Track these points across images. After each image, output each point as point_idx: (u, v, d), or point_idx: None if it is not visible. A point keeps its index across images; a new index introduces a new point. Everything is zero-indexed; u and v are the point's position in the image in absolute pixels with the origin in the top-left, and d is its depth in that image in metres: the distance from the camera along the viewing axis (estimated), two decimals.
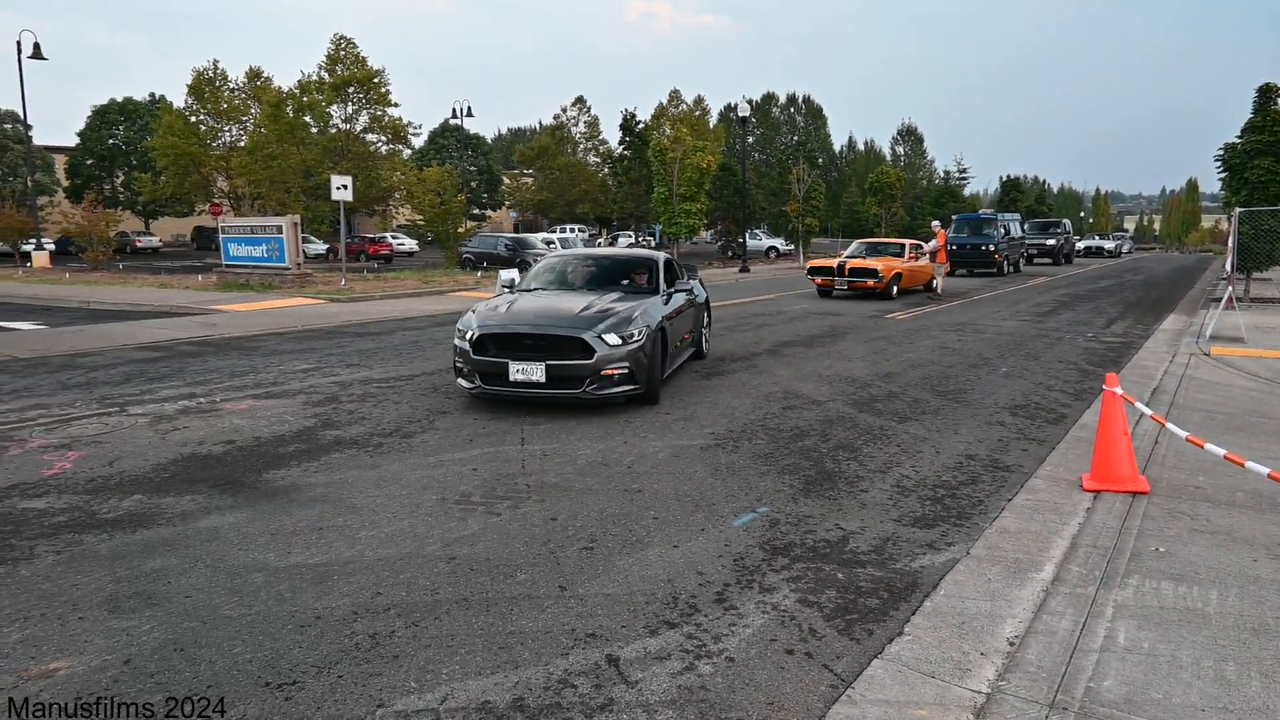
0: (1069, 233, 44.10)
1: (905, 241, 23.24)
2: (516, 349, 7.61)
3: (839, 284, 20.74)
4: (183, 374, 10.06)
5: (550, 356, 7.49)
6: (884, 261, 20.87)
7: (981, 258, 30.38)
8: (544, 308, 8.22)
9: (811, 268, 22.00)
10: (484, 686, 3.22)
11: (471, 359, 7.71)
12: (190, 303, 18.87)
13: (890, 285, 20.48)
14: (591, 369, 7.44)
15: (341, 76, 43.46)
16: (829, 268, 21.18)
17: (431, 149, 66.14)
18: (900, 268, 21.04)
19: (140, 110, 58.54)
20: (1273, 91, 19.59)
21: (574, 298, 8.61)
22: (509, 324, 7.81)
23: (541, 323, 7.76)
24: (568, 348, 7.52)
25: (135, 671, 3.30)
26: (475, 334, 7.77)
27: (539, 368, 7.43)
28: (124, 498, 5.41)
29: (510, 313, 8.08)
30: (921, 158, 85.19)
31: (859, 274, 20.42)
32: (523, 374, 7.45)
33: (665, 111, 53.33)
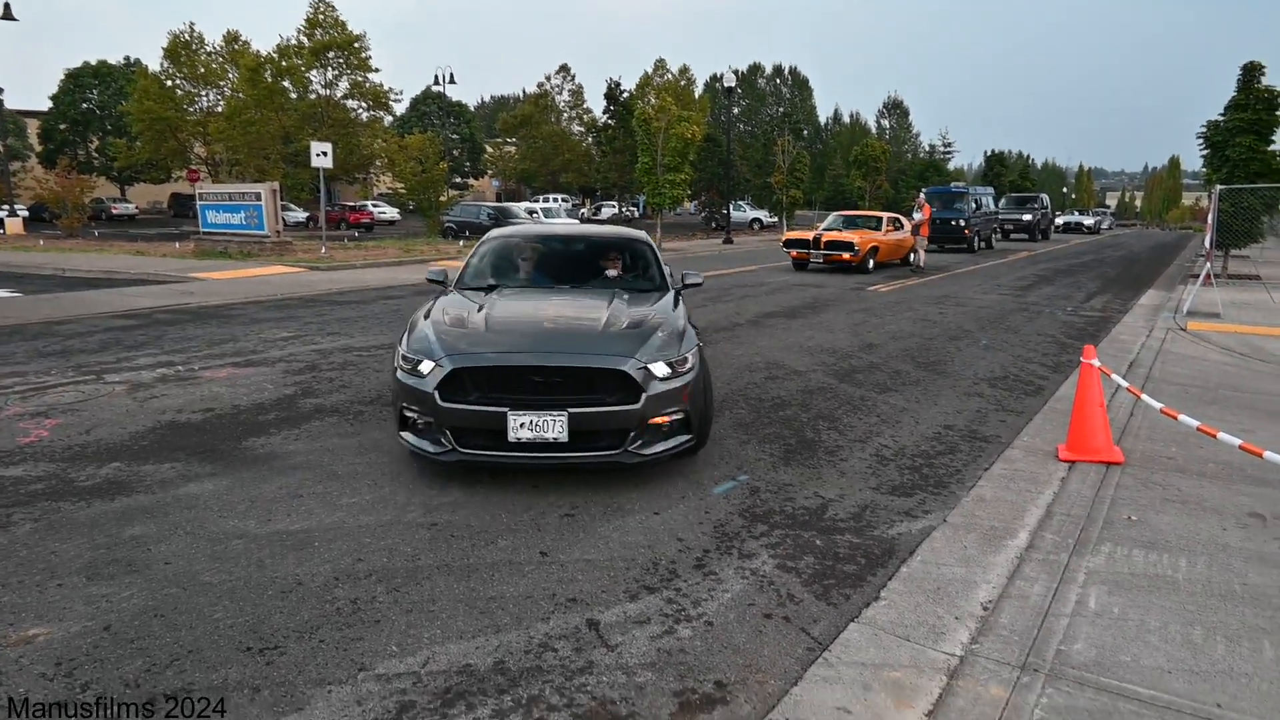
0: (1046, 208, 42.90)
1: (883, 214, 22.83)
2: (516, 389, 4.88)
3: (814, 257, 20.53)
4: (160, 342, 9.96)
5: (572, 399, 4.84)
6: (861, 234, 20.59)
7: (951, 233, 29.23)
8: (546, 318, 5.57)
9: (787, 240, 21.79)
10: (465, 650, 3.25)
11: (438, 408, 4.82)
12: (167, 270, 18.63)
13: (866, 258, 20.26)
14: (638, 417, 4.86)
15: (321, 41, 42.74)
16: (804, 240, 20.98)
17: (413, 116, 65.31)
18: (877, 241, 20.79)
19: (115, 74, 57.35)
20: (1256, 70, 19.64)
21: (573, 301, 6.07)
22: (504, 349, 5.03)
23: (555, 346, 5.05)
24: (600, 384, 4.93)
25: (116, 638, 3.30)
26: (443, 368, 4.89)
27: (558, 420, 4.72)
28: (102, 465, 5.37)
29: (493, 328, 5.31)
30: (907, 131, 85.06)
31: (834, 246, 20.17)
32: (532, 430, 4.71)
33: (650, 81, 52.82)
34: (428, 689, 2.99)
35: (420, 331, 5.38)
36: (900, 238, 22.14)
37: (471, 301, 5.96)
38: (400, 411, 5.12)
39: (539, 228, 8.25)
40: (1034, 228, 39.82)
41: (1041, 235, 40.98)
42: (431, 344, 5.12)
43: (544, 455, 4.80)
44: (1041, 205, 41.74)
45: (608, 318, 5.47)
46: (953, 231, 29.27)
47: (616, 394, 4.91)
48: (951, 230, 29.22)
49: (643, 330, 5.33)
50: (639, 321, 5.47)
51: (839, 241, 20.20)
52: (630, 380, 4.88)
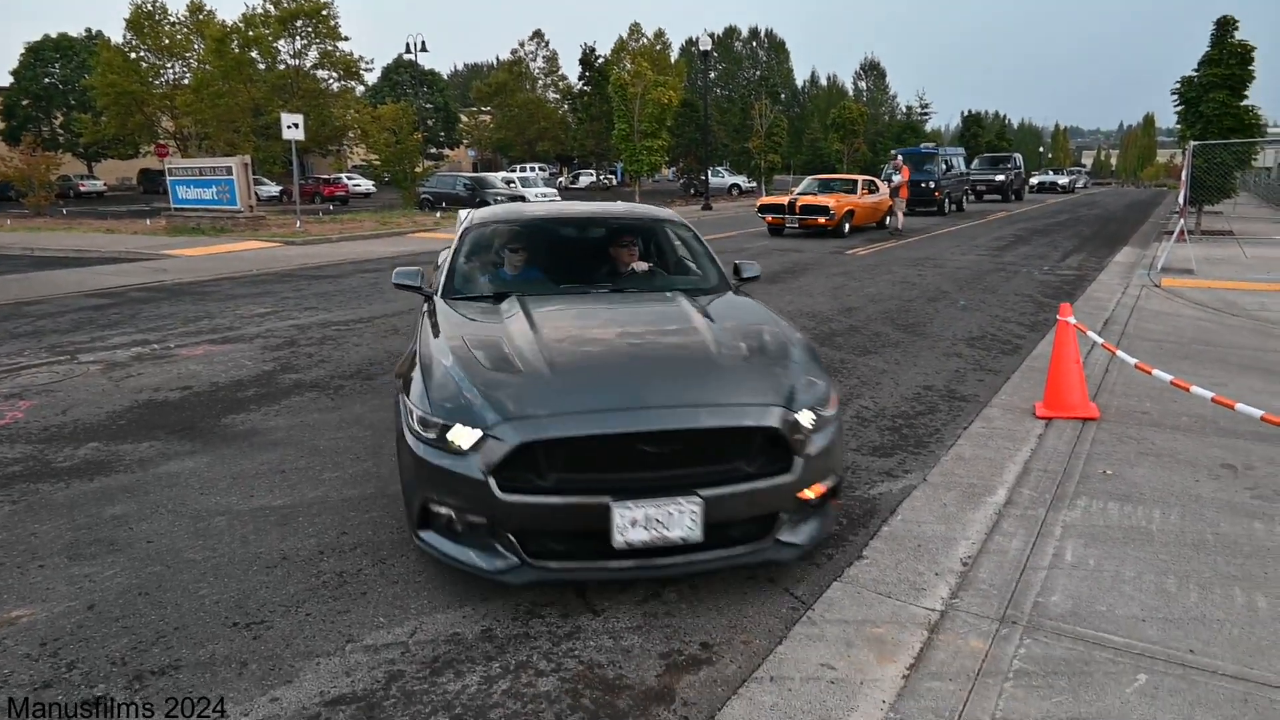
0: (1020, 168, 42.16)
1: (858, 178, 22.89)
2: (615, 462, 3.26)
3: (790, 222, 20.47)
4: (134, 321, 9.82)
5: (700, 474, 3.26)
6: (836, 198, 20.59)
7: (920, 195, 28.18)
8: (622, 344, 3.90)
9: (762, 205, 21.66)
10: (452, 619, 3.27)
11: (496, 503, 3.16)
12: (139, 248, 18.32)
13: (842, 222, 20.27)
14: (791, 491, 3.34)
15: (288, 9, 41.76)
16: (780, 205, 20.89)
17: (385, 86, 64.24)
18: (853, 204, 20.82)
19: (77, 47, 55.85)
20: (1230, 24, 19.66)
21: (635, 310, 4.48)
22: (593, 404, 3.29)
23: (663, 391, 3.36)
24: (735, 447, 3.35)
25: (100, 617, 3.30)
26: (502, 441, 3.16)
27: (688, 511, 3.15)
28: (79, 446, 5.32)
29: (559, 366, 3.53)
30: (884, 93, 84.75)
31: (810, 211, 20.15)
32: (649, 528, 3.13)
33: (625, 46, 52.20)
34: (416, 658, 3.02)
35: (441, 374, 3.51)
36: (876, 200, 22.19)
37: (491, 321, 4.13)
38: (421, 504, 3.35)
39: (536, 209, 5.96)
40: (1007, 188, 39.25)
41: (1015, 195, 40.44)
42: (469, 397, 3.29)
43: (665, 563, 3.20)
44: (1015, 165, 41.10)
45: (713, 338, 3.82)
46: (922, 194, 28.52)
47: (759, 459, 3.32)
48: (921, 193, 28.47)
49: (769, 355, 3.75)
50: (754, 340, 3.88)
51: (814, 206, 20.17)
52: (781, 438, 3.31)
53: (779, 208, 20.86)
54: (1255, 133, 19.84)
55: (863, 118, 51.81)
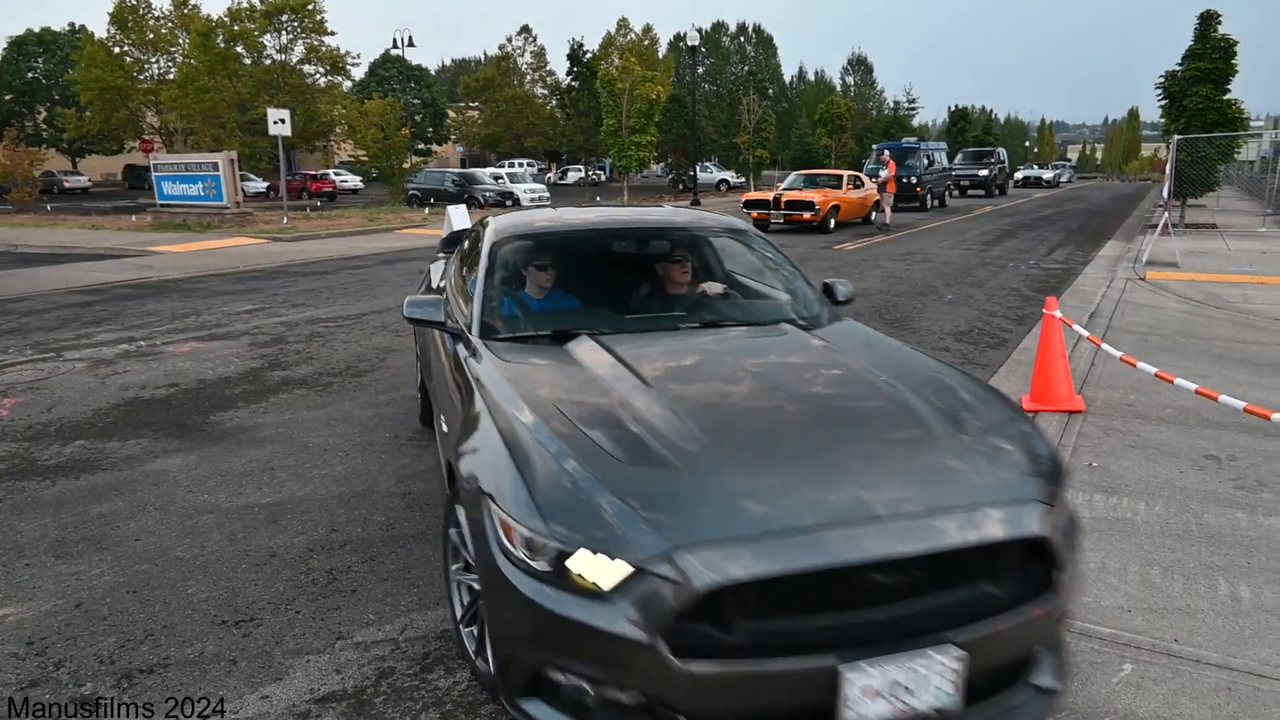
0: (1004, 162, 41.38)
1: (843, 173, 22.86)
2: (836, 602, 2.14)
3: (775, 217, 20.32)
4: (120, 317, 9.76)
5: (947, 609, 2.18)
6: (821, 194, 20.55)
7: (902, 190, 26.66)
8: (796, 411, 2.70)
9: (747, 201, 21.50)
10: (442, 616, 3.27)
11: (674, 675, 1.99)
12: (125, 244, 18.18)
13: (828, 218, 20.19)
14: (1056, 617, 2.37)
15: (274, 4, 41.47)
16: (764, 200, 20.85)
17: (372, 81, 63.84)
18: (838, 199, 20.73)
19: (60, 41, 55.24)
20: (1213, 18, 19.76)
21: (760, 351, 3.40)
22: (799, 512, 2.14)
23: (891, 489, 2.27)
24: (979, 562, 2.27)
25: (88, 615, 3.28)
26: (688, 584, 1.98)
27: (945, 667, 2.07)
28: (66, 444, 5.29)
29: (724, 446, 2.40)
30: (871, 88, 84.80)
31: (795, 206, 20.10)
32: (893, 698, 2.04)
33: (613, 41, 52.09)
34: (406, 655, 3.02)
35: (546, 467, 2.35)
36: (861, 196, 22.17)
37: (578, 376, 2.97)
38: (528, 666, 2.26)
39: (578, 216, 4.49)
40: (990, 183, 38.65)
41: (999, 190, 39.89)
42: (602, 506, 2.18)
43: None
44: (998, 160, 40.52)
45: (907, 395, 2.76)
46: (904, 189, 27.20)
47: (1011, 577, 2.30)
48: (903, 188, 27.17)
49: (980, 419, 2.67)
50: (942, 395, 2.80)
51: (800, 201, 20.12)
52: (1046, 546, 2.30)
53: (764, 203, 20.82)
54: (1238, 126, 19.97)
55: (850, 113, 51.86)
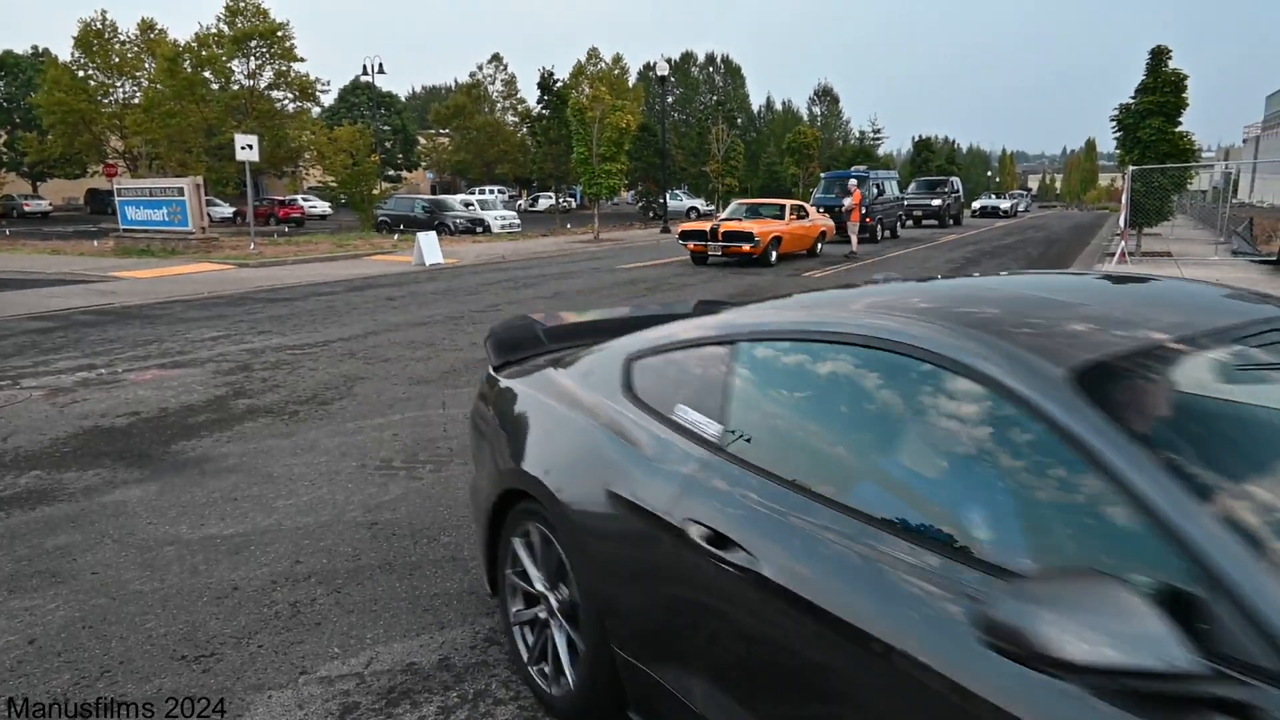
0: (958, 192, 40.44)
1: (785, 202, 21.37)
2: None
3: (713, 249, 18.82)
4: (80, 344, 9.58)
5: None
6: (761, 224, 19.09)
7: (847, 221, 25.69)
8: None
9: (684, 231, 19.70)
10: (409, 649, 3.23)
11: None
12: (86, 270, 17.88)
13: (768, 250, 18.80)
14: None
15: (242, 29, 41.43)
16: (701, 231, 19.20)
17: (342, 107, 63.82)
18: (780, 231, 19.38)
19: (22, 64, 54.60)
20: (1163, 54, 20.44)
21: None
22: None
23: None
24: None
25: (41, 651, 3.19)
26: None
27: None
28: (21, 474, 5.16)
29: None
30: (837, 118, 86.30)
31: (733, 238, 18.51)
32: None
33: (584, 70, 52.65)
34: (371, 689, 2.97)
35: None
36: (805, 226, 20.87)
37: None
38: None
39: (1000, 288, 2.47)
40: (944, 213, 37.68)
41: (953, 221, 38.94)
42: None
43: None
44: (952, 189, 39.59)
45: None
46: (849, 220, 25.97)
47: None
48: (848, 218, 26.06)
49: None
50: None
51: (738, 232, 18.58)
52: None
53: (700, 234, 19.20)
54: (1190, 157, 20.61)
55: (817, 142, 52.64)
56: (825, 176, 29.42)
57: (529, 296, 13.75)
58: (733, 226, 18.88)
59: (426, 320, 11.21)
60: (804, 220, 21.02)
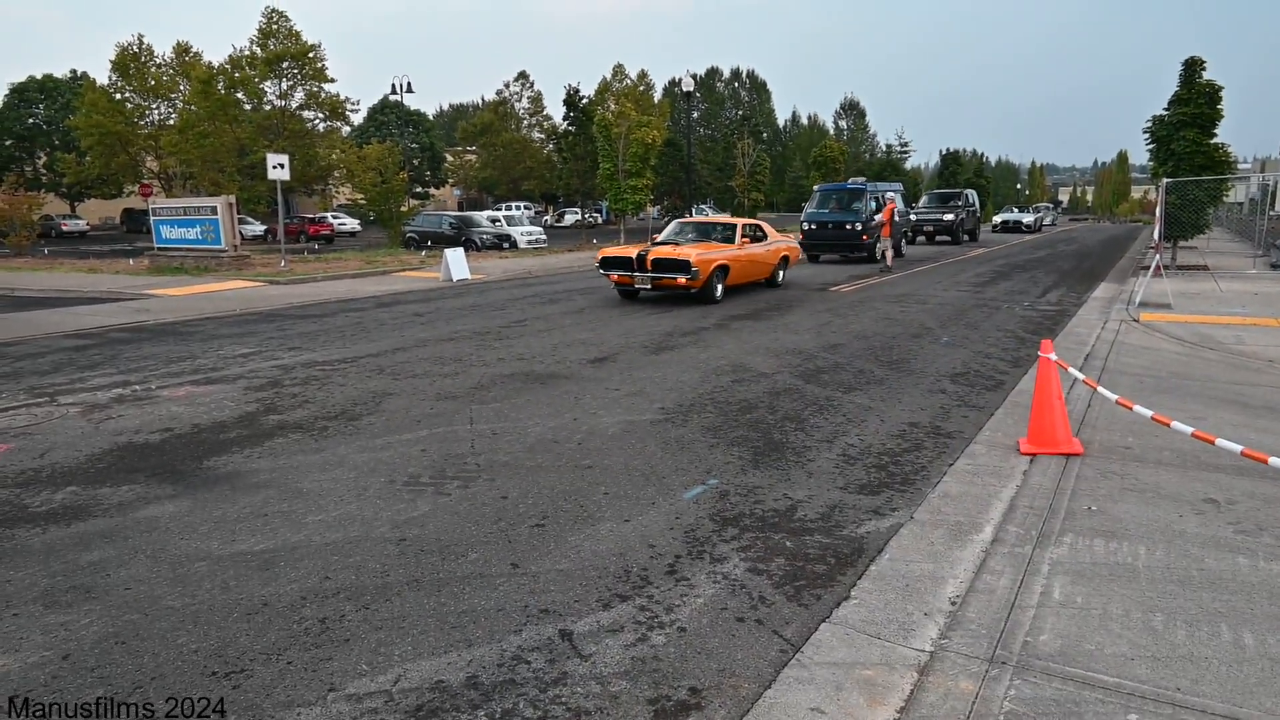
0: (974, 205, 37.41)
1: (738, 221, 16.72)
2: None
3: (641, 282, 14.36)
4: (115, 361, 9.74)
5: None
6: (701, 249, 14.57)
7: (844, 240, 23.93)
8: None
9: (604, 258, 14.98)
10: (437, 666, 3.22)
11: None
12: (121, 288, 18.23)
13: (710, 283, 14.31)
14: None
15: (275, 51, 42.19)
16: (626, 259, 14.56)
17: (371, 126, 64.69)
18: (726, 258, 14.80)
19: (61, 87, 56.03)
20: (1197, 65, 20.17)
21: None
22: None
23: None
24: None
25: (75, 666, 3.22)
26: None
27: None
28: (57, 490, 5.24)
29: None
30: (864, 131, 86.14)
31: (666, 267, 14.04)
32: None
33: (609, 86, 53.01)
34: (400, 707, 2.96)
35: None
36: (762, 252, 16.50)
37: None
38: None
39: None
40: (957, 229, 34.48)
41: (968, 236, 35.92)
42: None
43: None
44: (967, 203, 36.44)
45: None
46: (846, 238, 23.92)
47: None
48: (845, 236, 23.90)
49: None
50: None
51: (671, 260, 14.04)
52: None
53: (625, 262, 14.55)
54: (1225, 169, 20.27)
55: (843, 156, 52.56)
56: (819, 190, 26.59)
57: (555, 312, 13.80)
58: (665, 253, 14.29)
59: (454, 336, 11.28)
60: (761, 244, 16.70)
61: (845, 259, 24.31)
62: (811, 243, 24.42)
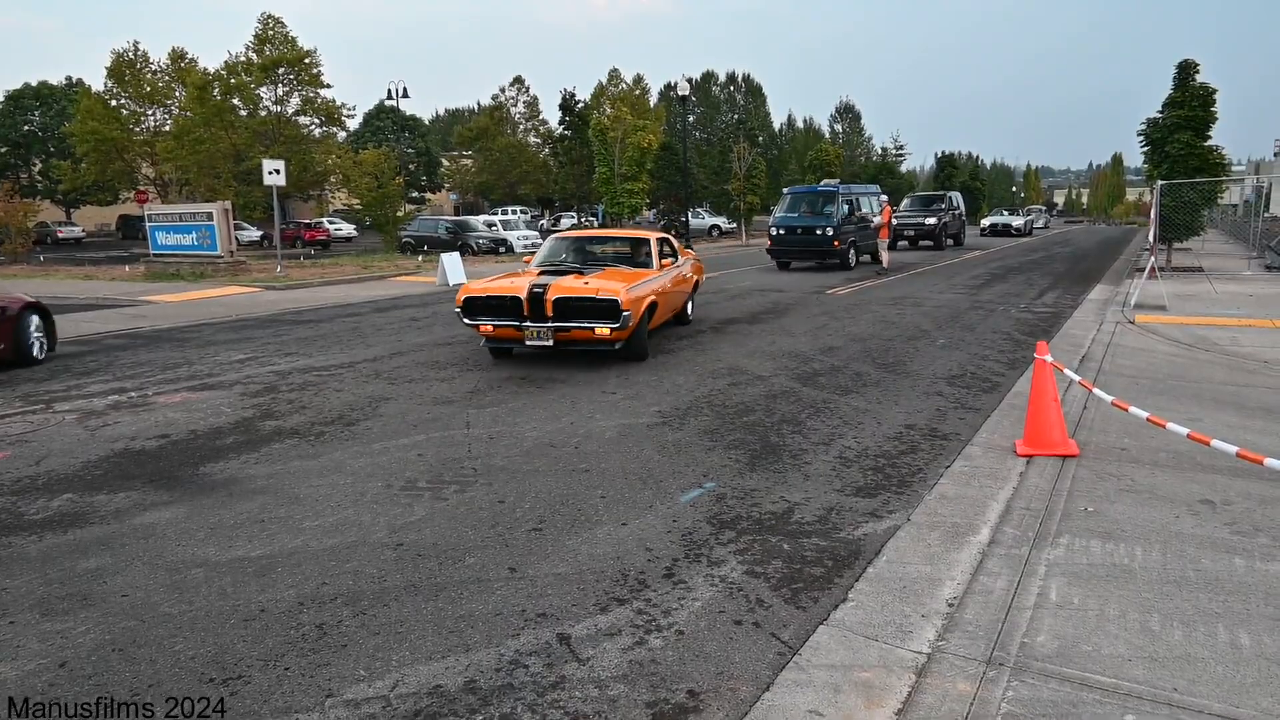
0: (958, 208, 35.44)
1: (650, 235, 11.63)
2: None
3: (535, 334, 9.01)
4: (111, 368, 9.72)
5: None
6: (619, 280, 9.29)
7: (815, 246, 22.25)
8: None
9: (469, 300, 9.32)
10: (435, 671, 3.21)
11: None
12: (117, 294, 18.20)
13: (640, 332, 9.37)
14: None
15: (270, 57, 42.13)
16: (505, 302, 9.12)
17: (367, 131, 64.66)
18: (654, 291, 9.79)
19: (57, 94, 55.97)
20: (1191, 68, 20.24)
21: None
22: None
23: None
24: None
25: (71, 674, 3.21)
26: None
27: None
28: (53, 497, 5.23)
29: None
30: (859, 135, 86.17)
31: (578, 313, 8.92)
32: None
33: (605, 91, 53.04)
34: (398, 712, 2.96)
35: None
36: (685, 276, 11.81)
37: None
38: None
39: None
40: (940, 233, 32.24)
41: (952, 241, 33.74)
42: None
43: None
44: (951, 206, 34.28)
45: None
46: (817, 244, 22.25)
47: None
48: (815, 242, 22.26)
49: None
50: None
51: (587, 302, 8.88)
52: None
53: (500, 305, 9.17)
54: (1220, 172, 20.34)
55: (839, 159, 52.64)
56: (789, 192, 24.90)
57: None
58: (573, 289, 8.97)
59: (450, 340, 11.27)
60: (679, 266, 11.62)
61: (820, 266, 22.66)
62: (780, 249, 22.89)
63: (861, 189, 26.39)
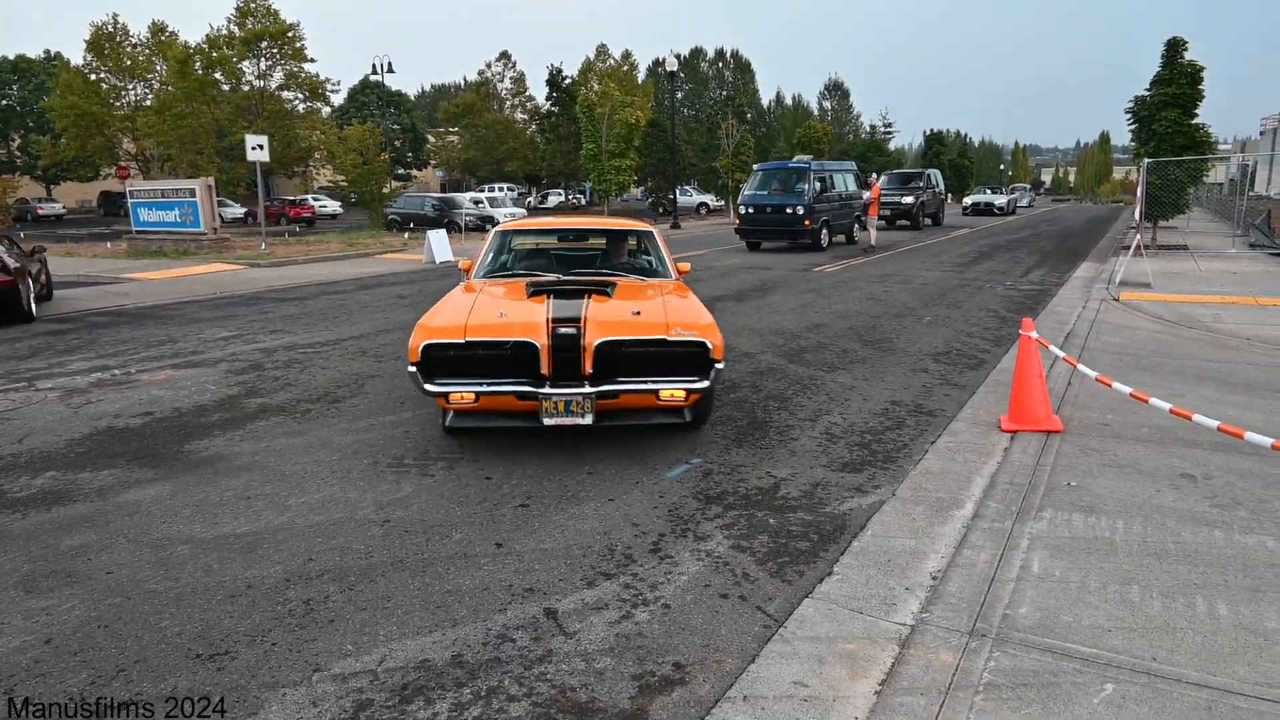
0: (936, 186, 34.38)
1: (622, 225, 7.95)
2: None
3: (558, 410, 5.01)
4: (94, 346, 9.63)
5: None
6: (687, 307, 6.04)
7: (785, 225, 21.48)
8: None
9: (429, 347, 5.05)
10: (422, 645, 3.22)
11: None
12: (100, 271, 18.00)
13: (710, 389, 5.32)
14: None
15: (253, 31, 41.52)
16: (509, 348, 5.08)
17: (352, 107, 63.95)
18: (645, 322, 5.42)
19: (35, 68, 55.02)
20: (1179, 45, 20.24)
21: None
22: None
23: None
24: None
25: (57, 651, 3.21)
26: None
27: None
28: (36, 475, 5.19)
29: None
30: (848, 112, 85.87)
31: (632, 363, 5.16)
32: None
33: (592, 67, 52.58)
34: (385, 686, 2.97)
35: None
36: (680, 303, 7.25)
37: None
38: None
39: None
40: (917, 213, 31.01)
41: (930, 220, 32.70)
42: None
43: None
44: (929, 184, 33.27)
45: None
46: (787, 223, 21.47)
47: None
48: (785, 221, 21.46)
49: None
50: None
51: (658, 347, 5.17)
52: None
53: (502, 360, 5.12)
54: (1206, 150, 20.41)
55: (828, 137, 52.49)
56: (759, 169, 23.94)
57: None
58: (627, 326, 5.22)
59: None
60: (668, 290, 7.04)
61: (792, 246, 21.91)
62: (750, 228, 22.24)
63: (836, 165, 25.16)
